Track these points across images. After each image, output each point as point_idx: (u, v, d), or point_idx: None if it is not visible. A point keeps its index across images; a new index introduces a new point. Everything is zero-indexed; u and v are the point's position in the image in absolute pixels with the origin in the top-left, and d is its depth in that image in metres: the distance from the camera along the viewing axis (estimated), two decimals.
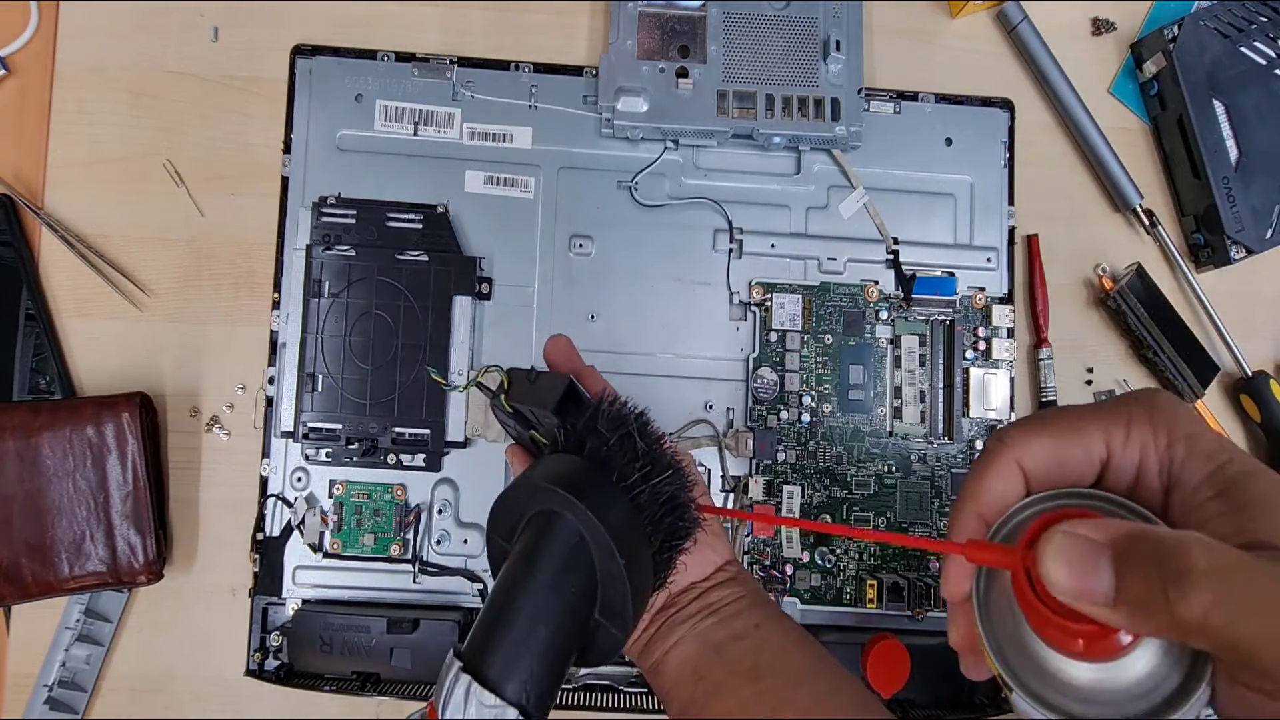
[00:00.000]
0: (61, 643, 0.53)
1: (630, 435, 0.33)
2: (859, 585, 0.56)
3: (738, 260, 0.58)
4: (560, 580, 0.30)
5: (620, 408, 0.34)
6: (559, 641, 0.30)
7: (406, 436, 0.54)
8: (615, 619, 0.31)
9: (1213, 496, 0.23)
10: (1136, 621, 0.20)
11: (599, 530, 0.30)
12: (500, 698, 0.28)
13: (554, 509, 0.31)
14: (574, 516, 0.30)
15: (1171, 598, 0.19)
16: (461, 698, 0.28)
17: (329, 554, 0.54)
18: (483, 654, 0.29)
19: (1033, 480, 0.26)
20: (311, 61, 0.57)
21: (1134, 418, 0.25)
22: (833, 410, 0.57)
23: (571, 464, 0.32)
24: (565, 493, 0.30)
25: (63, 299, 0.56)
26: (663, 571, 0.34)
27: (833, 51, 0.56)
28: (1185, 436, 0.24)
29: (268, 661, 0.53)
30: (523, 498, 0.32)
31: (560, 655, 0.30)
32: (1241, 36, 0.59)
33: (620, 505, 0.31)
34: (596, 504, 0.30)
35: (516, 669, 0.29)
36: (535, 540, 0.31)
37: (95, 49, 0.57)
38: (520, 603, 0.30)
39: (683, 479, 0.33)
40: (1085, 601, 0.21)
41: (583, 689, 0.54)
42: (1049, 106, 0.62)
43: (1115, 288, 0.58)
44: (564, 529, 0.31)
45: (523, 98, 0.58)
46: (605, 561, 0.30)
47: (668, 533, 0.33)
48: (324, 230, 0.55)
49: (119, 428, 0.52)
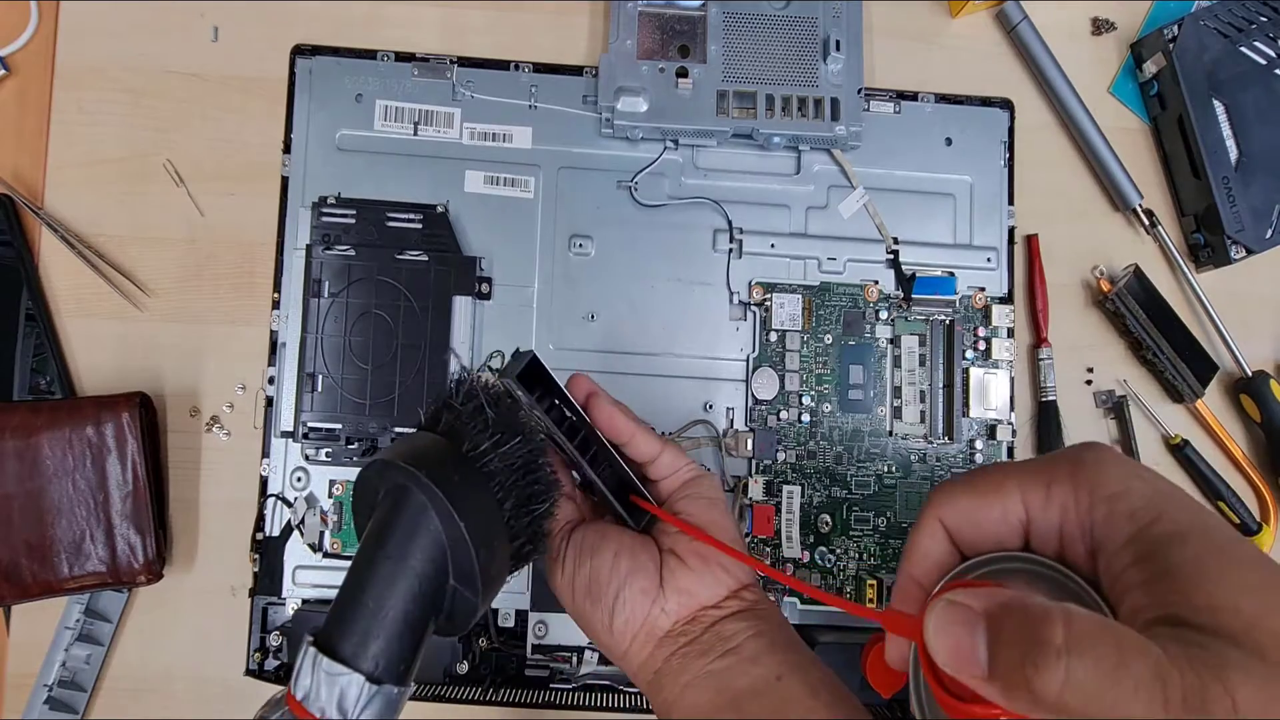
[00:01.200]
0: (61, 643, 0.53)
1: (481, 407, 0.33)
2: (859, 585, 0.56)
3: (738, 260, 0.58)
4: (406, 549, 0.31)
5: (474, 382, 0.34)
6: (408, 609, 0.30)
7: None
8: (468, 583, 0.31)
9: (1133, 563, 0.21)
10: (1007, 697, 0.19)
11: (438, 497, 0.30)
12: (349, 667, 0.29)
13: (402, 483, 0.32)
14: (416, 487, 0.31)
15: (1029, 672, 0.18)
16: (309, 669, 0.29)
17: (329, 554, 0.54)
18: (334, 629, 0.30)
19: (958, 540, 0.24)
20: (311, 61, 0.57)
21: (1055, 477, 0.23)
22: (833, 410, 0.57)
23: (421, 439, 0.33)
24: (407, 465, 0.31)
25: (63, 299, 0.56)
26: (530, 537, 0.34)
27: (833, 51, 0.56)
28: (1109, 496, 0.22)
29: (268, 661, 0.53)
30: (374, 476, 0.33)
31: (412, 623, 0.30)
32: (1241, 36, 0.59)
33: (467, 473, 0.32)
34: (438, 473, 0.31)
35: (367, 640, 0.30)
36: (383, 515, 0.32)
37: (95, 49, 0.57)
38: (367, 575, 0.31)
39: (535, 444, 0.34)
40: (963, 673, 0.19)
41: (582, 689, 0.54)
42: (1049, 106, 0.62)
43: (1113, 290, 0.58)
44: (409, 500, 0.31)
45: (523, 98, 0.58)
46: (449, 528, 0.31)
47: (523, 496, 0.33)
48: (324, 230, 0.55)
49: (119, 428, 0.52)
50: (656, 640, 0.36)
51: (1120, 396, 0.60)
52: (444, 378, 0.53)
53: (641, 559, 0.37)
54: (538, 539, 0.35)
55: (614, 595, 0.36)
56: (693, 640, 0.36)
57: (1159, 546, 0.20)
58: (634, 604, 0.36)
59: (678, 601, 0.36)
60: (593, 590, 0.37)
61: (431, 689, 0.51)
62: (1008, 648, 0.19)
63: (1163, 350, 0.58)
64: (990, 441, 0.57)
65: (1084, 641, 0.18)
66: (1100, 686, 0.17)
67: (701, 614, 0.36)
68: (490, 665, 0.53)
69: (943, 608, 0.20)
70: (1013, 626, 0.19)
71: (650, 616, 0.36)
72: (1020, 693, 0.18)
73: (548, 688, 0.54)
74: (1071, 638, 0.18)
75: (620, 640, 0.37)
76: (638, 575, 0.37)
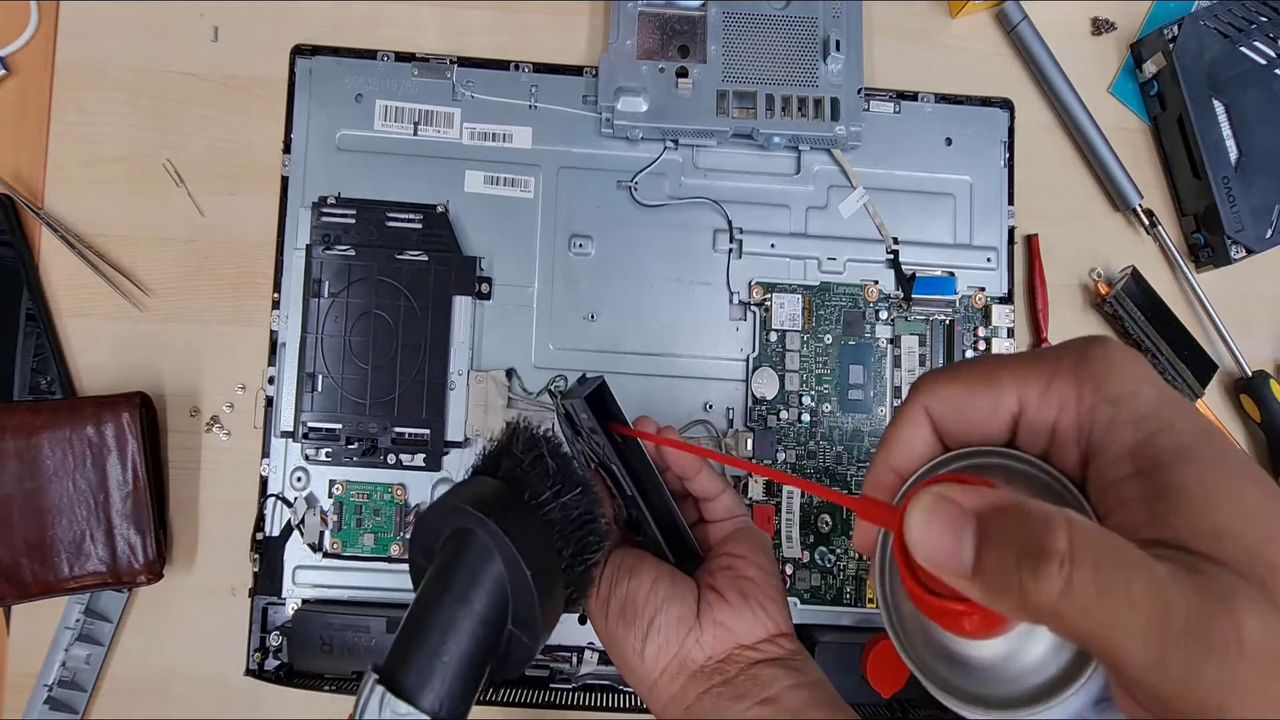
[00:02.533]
0: (61, 642, 0.53)
1: (543, 456, 0.35)
2: (859, 585, 0.56)
3: (737, 260, 0.58)
4: (470, 593, 0.31)
5: (534, 431, 0.36)
6: (470, 651, 0.31)
7: (406, 436, 0.54)
8: (526, 629, 0.32)
9: (1132, 474, 0.19)
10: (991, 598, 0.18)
11: (505, 544, 0.31)
12: (414, 706, 0.29)
13: (467, 527, 0.32)
14: (483, 533, 0.32)
15: (1023, 577, 0.17)
16: (376, 706, 0.29)
17: (329, 554, 0.54)
18: (398, 666, 0.30)
19: (942, 432, 0.23)
20: (311, 61, 0.57)
21: (1059, 370, 0.21)
22: (832, 410, 0.57)
23: (486, 485, 0.34)
24: (475, 511, 0.32)
25: (63, 299, 0.56)
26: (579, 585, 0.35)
27: (833, 51, 0.56)
28: (1114, 398, 0.20)
29: (268, 661, 0.53)
30: (438, 518, 0.34)
31: (473, 665, 0.31)
32: (1241, 36, 0.59)
33: (529, 521, 0.33)
34: (505, 520, 0.32)
35: (430, 679, 0.30)
36: (448, 557, 0.32)
37: (95, 49, 0.57)
38: (433, 617, 0.31)
39: (592, 497, 0.35)
40: (944, 571, 0.19)
41: (582, 689, 0.54)
42: (1049, 106, 0.62)
43: (1110, 292, 0.58)
44: (475, 545, 0.32)
45: (523, 98, 0.58)
46: (514, 573, 0.32)
47: (579, 546, 0.34)
48: (324, 230, 0.55)
49: (119, 428, 0.52)
50: (689, 674, 0.35)
51: None
52: (436, 391, 0.53)
53: (680, 587, 0.37)
54: (585, 587, 0.36)
55: (649, 620, 0.36)
56: (727, 681, 0.35)
57: (1163, 459, 0.19)
58: (669, 631, 0.36)
59: (713, 635, 0.36)
60: (627, 612, 0.36)
61: None
62: (1000, 550, 0.18)
63: (1161, 351, 0.58)
64: None
65: (1086, 552, 0.17)
66: (1098, 598, 0.17)
67: (737, 653, 0.35)
68: None
69: (930, 501, 0.19)
70: (1009, 529, 0.18)
71: (684, 647, 0.36)
72: (1008, 596, 0.17)
73: (548, 688, 0.54)
74: (1074, 546, 0.17)
75: (650, 669, 0.36)
76: (674, 602, 0.36)
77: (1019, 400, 0.22)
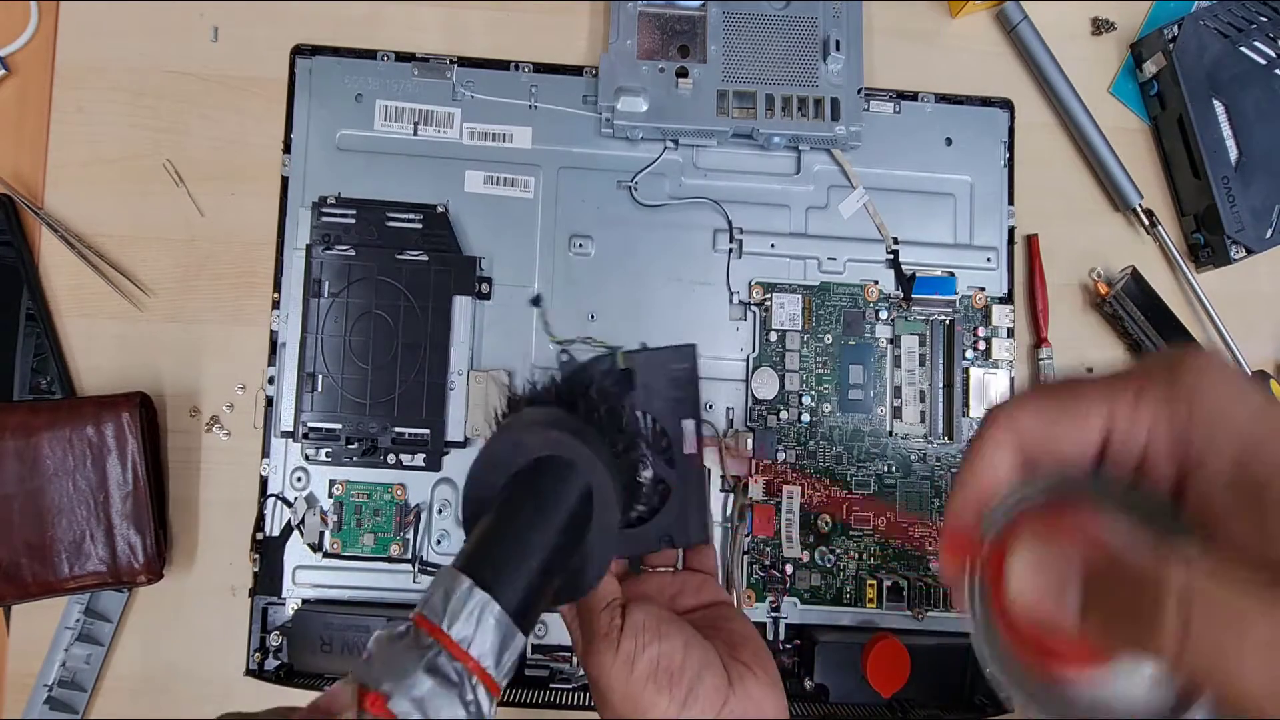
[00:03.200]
0: (61, 642, 0.53)
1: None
2: (859, 585, 0.56)
3: (738, 260, 0.58)
4: (567, 523, 0.32)
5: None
6: (551, 580, 0.31)
7: (406, 436, 0.54)
8: (592, 564, 0.33)
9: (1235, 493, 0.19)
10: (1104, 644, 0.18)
11: (607, 487, 0.32)
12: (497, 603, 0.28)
13: (564, 456, 0.33)
14: (586, 468, 0.33)
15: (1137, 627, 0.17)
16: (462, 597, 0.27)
17: (329, 554, 0.54)
18: (480, 566, 0.29)
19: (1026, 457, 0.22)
20: (311, 61, 0.57)
21: (1147, 388, 0.20)
22: (832, 410, 0.57)
23: (575, 422, 0.35)
24: (585, 448, 0.33)
25: (63, 299, 0.56)
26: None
27: (833, 51, 0.56)
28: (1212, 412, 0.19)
29: (268, 661, 0.53)
30: (533, 440, 0.33)
31: (548, 579, 0.31)
32: (1241, 36, 0.59)
33: (613, 468, 0.34)
34: (606, 463, 0.33)
35: (513, 581, 0.29)
36: (549, 483, 0.32)
37: (95, 49, 0.57)
38: (532, 538, 0.31)
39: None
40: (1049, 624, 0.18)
41: (581, 689, 0.54)
42: (1049, 106, 0.62)
43: (1110, 293, 0.58)
44: (576, 478, 0.32)
45: (523, 97, 0.58)
46: (603, 514, 0.33)
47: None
48: (324, 230, 0.55)
49: (119, 428, 0.52)
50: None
51: None
52: (437, 391, 0.53)
53: (710, 655, 0.36)
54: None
55: (688, 688, 0.34)
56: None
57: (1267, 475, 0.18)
58: (707, 700, 0.35)
59: (742, 709, 0.35)
60: (659, 677, 0.34)
61: None
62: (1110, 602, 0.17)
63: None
64: None
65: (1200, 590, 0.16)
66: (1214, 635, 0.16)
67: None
68: None
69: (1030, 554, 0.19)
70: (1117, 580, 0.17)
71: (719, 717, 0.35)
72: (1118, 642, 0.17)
73: (548, 688, 0.54)
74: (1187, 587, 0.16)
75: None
76: (710, 670, 0.35)
77: (1107, 420, 0.21)
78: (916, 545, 0.56)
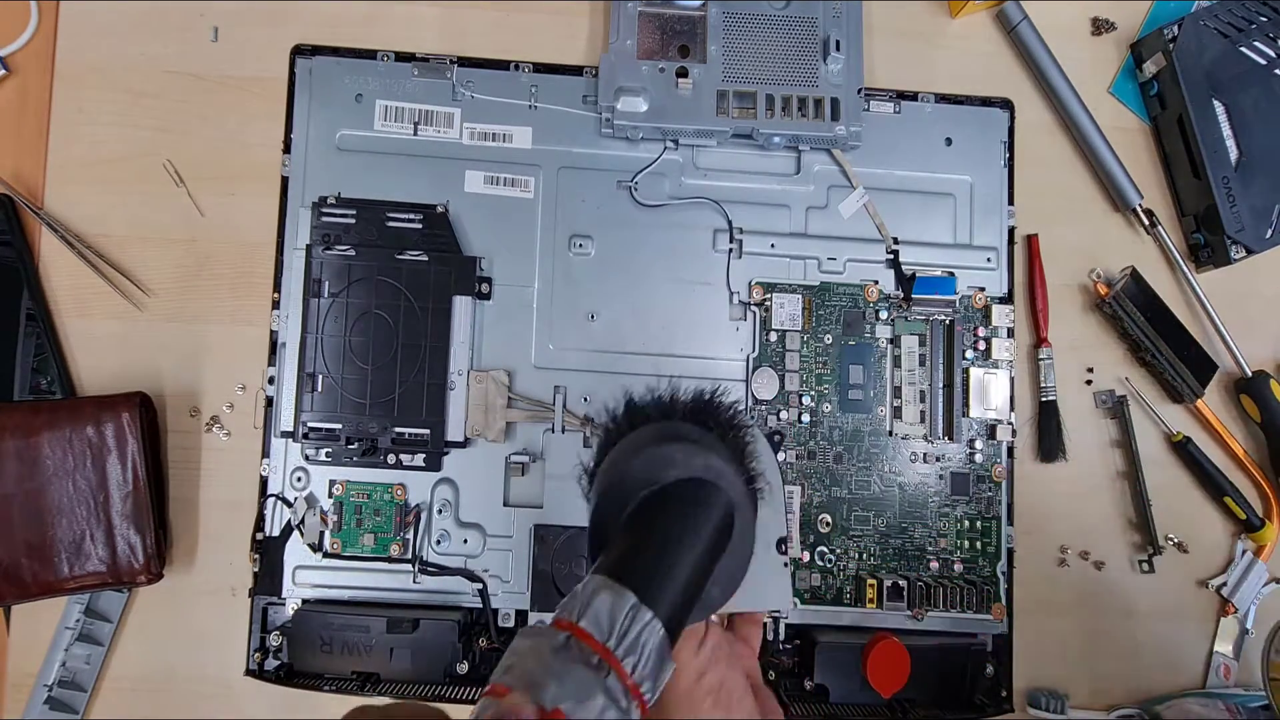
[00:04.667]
0: (61, 642, 0.53)
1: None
2: (859, 585, 0.56)
3: (738, 260, 0.58)
4: (713, 545, 0.33)
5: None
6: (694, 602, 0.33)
7: (406, 436, 0.54)
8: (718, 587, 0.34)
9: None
10: None
11: (749, 516, 0.34)
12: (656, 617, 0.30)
13: (709, 481, 0.33)
14: (733, 496, 0.34)
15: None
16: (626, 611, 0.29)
17: (329, 554, 0.54)
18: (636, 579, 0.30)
19: None
20: (311, 61, 0.57)
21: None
22: (833, 410, 0.57)
23: (721, 446, 0.36)
24: (736, 475, 0.34)
25: (63, 299, 0.56)
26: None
27: (833, 51, 0.56)
28: None
29: (268, 661, 0.53)
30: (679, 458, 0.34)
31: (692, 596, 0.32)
32: (1241, 36, 0.59)
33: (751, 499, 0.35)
34: (749, 490, 0.35)
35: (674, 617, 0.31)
36: (697, 507, 0.33)
37: (95, 49, 0.57)
38: (684, 558, 0.32)
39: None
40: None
41: None
42: (1049, 106, 0.62)
43: (1110, 293, 0.58)
44: (720, 503, 0.34)
45: (523, 98, 0.58)
46: (740, 542, 0.34)
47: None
48: (324, 230, 0.55)
49: (119, 428, 0.52)
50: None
51: (1120, 396, 0.60)
52: (437, 391, 0.53)
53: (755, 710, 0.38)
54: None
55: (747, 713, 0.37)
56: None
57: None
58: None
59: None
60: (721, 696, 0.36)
61: (432, 689, 0.51)
62: None
63: (1161, 351, 0.58)
64: (990, 441, 0.57)
65: None
66: None
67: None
68: (490, 665, 0.53)
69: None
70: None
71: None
72: None
73: None
74: None
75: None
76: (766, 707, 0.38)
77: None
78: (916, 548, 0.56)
